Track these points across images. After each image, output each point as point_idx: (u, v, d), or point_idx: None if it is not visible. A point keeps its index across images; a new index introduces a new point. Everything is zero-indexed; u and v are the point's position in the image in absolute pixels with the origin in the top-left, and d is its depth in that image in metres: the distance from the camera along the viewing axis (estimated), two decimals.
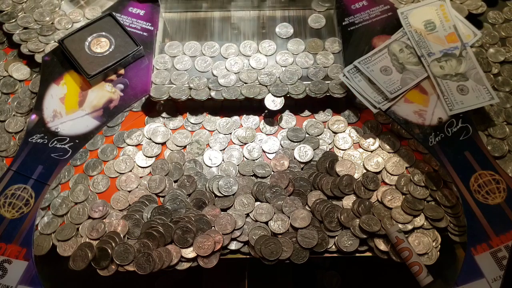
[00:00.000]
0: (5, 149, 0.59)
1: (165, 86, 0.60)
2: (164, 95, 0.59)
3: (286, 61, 0.63)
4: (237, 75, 0.61)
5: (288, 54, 0.63)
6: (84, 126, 0.56)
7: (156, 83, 0.60)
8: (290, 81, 0.60)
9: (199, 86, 0.59)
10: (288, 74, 0.61)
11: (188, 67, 0.62)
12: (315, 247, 0.52)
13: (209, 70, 0.62)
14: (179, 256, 0.52)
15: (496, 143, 0.57)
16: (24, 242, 0.50)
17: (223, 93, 0.59)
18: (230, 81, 0.60)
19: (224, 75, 0.61)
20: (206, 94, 0.59)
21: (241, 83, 0.60)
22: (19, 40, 0.64)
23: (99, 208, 0.55)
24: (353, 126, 0.61)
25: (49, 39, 0.64)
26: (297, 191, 0.56)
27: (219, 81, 0.60)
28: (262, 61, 0.62)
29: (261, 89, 0.60)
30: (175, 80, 0.61)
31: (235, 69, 0.61)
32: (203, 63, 0.62)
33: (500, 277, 0.47)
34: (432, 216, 0.53)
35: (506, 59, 0.63)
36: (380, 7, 0.63)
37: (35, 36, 0.64)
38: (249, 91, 0.59)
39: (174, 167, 0.58)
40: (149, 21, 0.64)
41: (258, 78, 0.60)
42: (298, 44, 0.64)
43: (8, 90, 0.63)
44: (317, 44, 0.64)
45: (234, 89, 0.60)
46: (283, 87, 0.60)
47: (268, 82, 0.60)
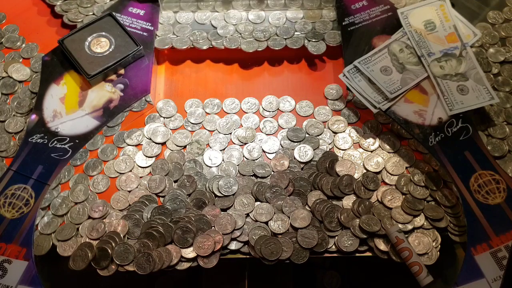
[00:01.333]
0: (5, 149, 0.59)
1: (168, 37, 0.64)
2: (168, 45, 0.63)
3: (280, 21, 0.66)
4: (235, 26, 0.65)
5: (282, 15, 0.67)
6: (84, 126, 0.56)
7: (159, 35, 0.64)
8: (286, 35, 0.64)
9: (199, 39, 0.63)
10: (284, 29, 0.65)
11: (190, 21, 0.66)
12: (315, 247, 0.52)
13: (209, 22, 0.66)
14: (179, 256, 0.52)
15: (496, 143, 0.57)
16: (24, 242, 0.50)
17: (224, 43, 0.63)
18: (229, 32, 0.64)
19: (223, 26, 0.65)
20: (207, 44, 0.63)
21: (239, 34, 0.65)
22: (61, 10, 0.68)
23: (99, 208, 0.55)
24: (353, 126, 0.61)
25: (88, 11, 0.67)
26: (297, 191, 0.56)
27: (218, 31, 0.65)
28: (260, 16, 0.66)
29: (259, 44, 0.63)
30: (178, 32, 0.65)
31: (234, 21, 0.66)
32: (203, 16, 0.67)
33: (500, 277, 0.47)
34: (432, 216, 0.53)
35: (506, 59, 0.63)
36: (380, 7, 0.63)
37: (75, 7, 0.68)
38: (248, 46, 0.63)
39: (174, 167, 0.58)
40: (149, 21, 0.64)
41: (253, 34, 0.64)
42: (296, 13, 0.67)
43: (8, 91, 0.63)
44: (315, 13, 0.67)
45: (234, 39, 0.64)
46: (281, 41, 0.64)
47: (262, 38, 0.64)
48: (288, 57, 0.66)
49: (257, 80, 0.65)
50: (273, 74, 0.65)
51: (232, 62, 0.66)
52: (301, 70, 0.66)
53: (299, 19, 0.66)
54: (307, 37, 0.64)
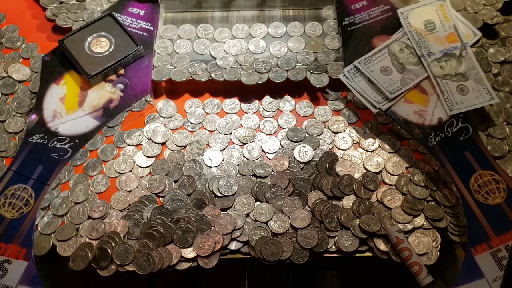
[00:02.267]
0: (5, 149, 0.59)
1: (166, 68, 0.62)
2: (165, 77, 0.61)
3: (281, 51, 0.64)
4: (235, 57, 0.62)
5: (283, 45, 0.64)
6: (84, 126, 0.56)
7: (157, 66, 0.62)
8: (288, 66, 0.61)
9: (198, 71, 0.61)
10: (285, 60, 0.62)
11: (188, 51, 0.64)
12: (315, 247, 0.52)
13: (208, 52, 0.64)
14: (179, 256, 0.52)
15: (496, 143, 0.57)
16: (24, 242, 0.50)
17: (223, 75, 0.61)
18: (229, 63, 0.62)
19: (223, 57, 0.62)
20: (206, 76, 0.61)
21: (239, 65, 0.62)
22: (51, 15, 0.67)
23: (99, 208, 0.55)
24: (353, 126, 0.61)
25: (77, 16, 0.66)
26: (297, 191, 0.56)
27: (217, 63, 0.62)
28: (261, 45, 0.64)
29: (260, 76, 0.61)
30: (176, 63, 0.62)
31: (234, 52, 0.63)
32: (202, 46, 0.64)
33: (500, 277, 0.47)
34: (432, 216, 0.53)
35: (506, 59, 0.63)
36: (380, 7, 0.63)
37: (65, 12, 0.67)
38: (248, 79, 0.61)
39: (174, 167, 0.58)
40: (149, 21, 0.64)
41: (254, 65, 0.62)
42: (298, 42, 0.64)
43: (8, 91, 0.63)
44: (317, 43, 0.64)
45: (234, 71, 0.61)
46: (282, 73, 0.61)
47: (263, 69, 0.61)
48: (290, 89, 0.63)
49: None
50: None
51: (232, 95, 0.63)
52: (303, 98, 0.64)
53: (301, 49, 0.63)
54: (309, 69, 0.61)
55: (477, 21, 0.63)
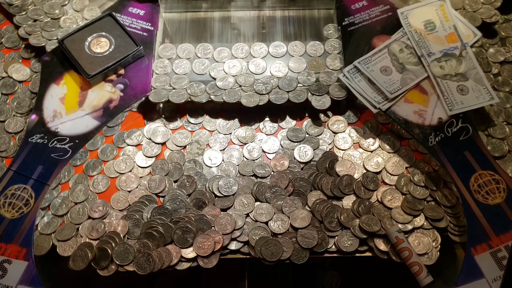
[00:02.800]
0: (5, 149, 0.59)
1: (164, 89, 0.60)
2: (164, 99, 0.59)
3: (282, 71, 0.62)
4: (235, 78, 0.60)
5: (283, 65, 0.62)
6: (84, 126, 0.56)
7: (155, 87, 0.60)
8: (289, 87, 0.60)
9: (197, 92, 0.59)
10: (286, 81, 0.60)
11: (187, 71, 0.62)
12: (315, 247, 0.52)
13: (207, 72, 0.62)
14: (179, 256, 0.52)
15: (496, 143, 0.57)
16: (24, 242, 0.50)
17: (223, 96, 0.59)
18: (228, 84, 0.60)
19: (222, 78, 0.60)
20: (206, 97, 0.59)
21: (239, 86, 0.60)
22: (25, 33, 0.64)
23: (99, 208, 0.55)
24: (353, 126, 0.61)
25: (51, 35, 0.64)
26: (297, 191, 0.56)
27: (217, 84, 0.60)
28: (261, 66, 0.62)
29: (260, 98, 0.59)
30: (175, 83, 0.60)
31: (234, 72, 0.61)
32: (201, 66, 0.62)
33: (500, 277, 0.47)
34: (432, 216, 0.53)
35: (506, 59, 0.63)
36: (380, 7, 0.63)
37: (39, 31, 0.64)
38: (249, 101, 0.59)
39: (174, 167, 0.58)
40: (149, 21, 0.64)
41: (254, 86, 0.60)
42: (299, 62, 0.62)
43: (8, 91, 0.63)
44: (318, 63, 0.62)
45: (234, 92, 0.59)
46: (283, 94, 0.59)
47: (263, 91, 0.59)
48: (291, 110, 0.62)
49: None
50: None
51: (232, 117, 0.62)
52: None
53: (302, 69, 0.61)
54: (310, 91, 0.59)
55: (476, 20, 0.63)
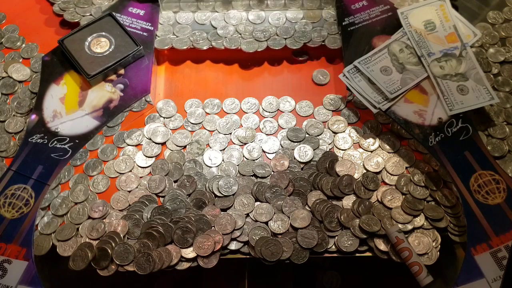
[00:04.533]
0: (5, 149, 0.58)
1: (168, 37, 0.64)
2: (168, 46, 0.63)
3: (280, 21, 0.66)
4: (235, 26, 0.65)
5: (282, 15, 0.66)
6: (84, 126, 0.56)
7: (159, 36, 0.64)
8: (286, 34, 0.64)
9: (199, 40, 0.63)
10: (284, 28, 0.65)
11: (189, 22, 0.66)
12: (315, 247, 0.52)
13: (209, 22, 0.66)
14: (179, 256, 0.52)
15: (496, 143, 0.57)
16: (24, 242, 0.50)
17: (224, 43, 0.63)
18: (229, 32, 0.64)
19: (223, 27, 0.65)
20: (207, 44, 0.63)
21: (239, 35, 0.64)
22: (59, 10, 0.68)
23: (99, 208, 0.55)
24: (353, 126, 0.61)
25: (84, 11, 0.67)
26: (297, 191, 0.56)
27: (218, 32, 0.64)
28: (260, 16, 0.66)
29: (259, 44, 0.63)
30: (178, 32, 0.65)
31: (234, 22, 0.66)
32: (203, 16, 0.67)
33: (500, 277, 0.47)
34: (432, 216, 0.53)
35: (506, 59, 0.63)
36: (380, 7, 0.63)
37: (73, 7, 0.68)
38: (248, 47, 0.63)
39: (174, 167, 0.58)
40: (149, 21, 0.64)
41: (253, 34, 0.63)
42: (296, 13, 0.66)
43: (8, 91, 0.63)
44: (315, 14, 0.66)
45: (234, 39, 0.64)
46: (280, 40, 0.64)
47: (262, 38, 0.63)
48: (288, 57, 0.66)
49: (257, 80, 0.65)
50: (273, 74, 0.65)
51: (232, 63, 0.66)
52: (300, 71, 0.66)
53: (299, 19, 0.66)
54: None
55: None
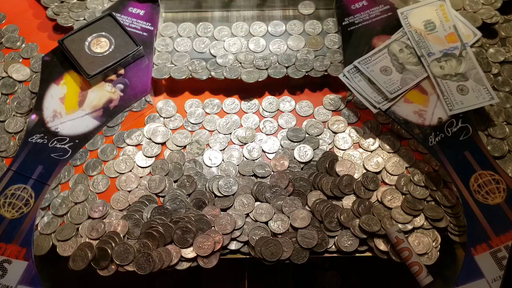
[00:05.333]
0: (5, 149, 0.58)
1: (166, 66, 0.62)
2: (165, 75, 0.61)
3: (281, 49, 0.64)
4: (235, 55, 0.63)
5: (282, 42, 0.64)
6: (84, 126, 0.56)
7: (157, 64, 0.62)
8: (288, 62, 0.62)
9: (198, 69, 0.61)
10: (285, 56, 0.62)
11: (188, 49, 0.64)
12: (315, 247, 0.52)
13: (208, 50, 0.64)
14: (179, 256, 0.52)
15: (496, 143, 0.57)
16: (24, 242, 0.50)
17: (224, 73, 0.61)
18: (228, 61, 0.62)
19: (222, 55, 0.62)
20: (206, 74, 0.61)
21: (239, 63, 0.62)
22: (52, 14, 0.67)
23: (99, 208, 0.55)
24: (353, 126, 0.61)
25: (78, 16, 0.66)
26: (297, 191, 0.56)
27: (217, 61, 0.62)
28: (261, 44, 0.64)
29: (260, 74, 0.61)
30: (176, 61, 0.63)
31: (233, 50, 0.63)
32: (201, 44, 0.64)
33: (500, 277, 0.47)
34: (432, 216, 0.53)
35: (506, 59, 0.63)
36: (380, 7, 0.63)
37: (66, 11, 0.67)
38: (249, 77, 0.61)
39: (174, 167, 0.58)
40: (149, 21, 0.64)
41: (254, 62, 0.62)
42: (298, 40, 0.64)
43: (8, 91, 0.63)
44: (317, 41, 0.64)
45: (234, 69, 0.61)
46: (281, 69, 0.61)
47: (263, 66, 0.61)
48: (290, 86, 0.64)
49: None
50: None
51: (232, 93, 0.64)
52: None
53: (301, 47, 0.64)
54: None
55: (476, 21, 0.63)
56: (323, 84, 0.63)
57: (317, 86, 0.63)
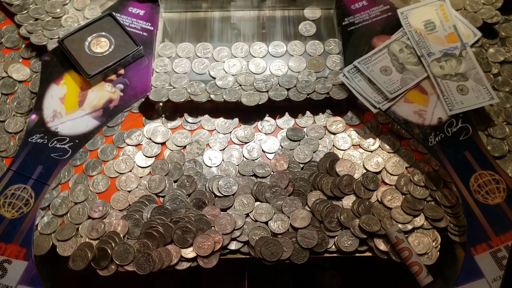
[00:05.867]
0: (5, 149, 0.58)
1: (164, 88, 0.60)
2: (164, 98, 0.59)
3: (281, 70, 0.62)
4: (235, 77, 0.61)
5: (283, 64, 0.62)
6: (84, 126, 0.56)
7: (155, 86, 0.60)
8: (289, 85, 0.60)
9: (197, 91, 0.59)
10: (286, 78, 0.60)
11: (187, 70, 0.62)
12: (315, 247, 0.52)
13: (207, 72, 0.62)
14: (179, 256, 0.52)
15: (496, 143, 0.57)
16: (24, 242, 0.50)
17: (223, 95, 0.59)
18: (228, 83, 0.60)
19: (222, 77, 0.60)
20: (205, 96, 0.59)
21: (239, 85, 0.60)
22: (26, 32, 0.64)
23: (99, 208, 0.55)
24: (353, 128, 0.60)
25: (53, 34, 0.64)
26: (297, 191, 0.56)
27: (217, 83, 0.60)
28: (261, 66, 0.62)
29: (261, 96, 0.59)
30: (175, 83, 0.60)
31: (233, 71, 0.61)
32: (201, 65, 0.62)
33: (500, 277, 0.47)
34: (432, 216, 0.53)
35: (506, 59, 0.63)
36: (380, 7, 0.63)
37: (41, 29, 0.64)
38: (249, 100, 0.59)
39: (174, 167, 0.58)
40: (149, 21, 0.64)
41: (254, 84, 0.60)
42: (299, 61, 0.62)
43: (8, 91, 0.63)
44: (318, 62, 0.62)
45: (234, 91, 0.59)
46: (282, 91, 0.59)
47: (263, 88, 0.59)
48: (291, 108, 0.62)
49: None
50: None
51: (232, 116, 0.62)
52: None
53: (302, 69, 0.61)
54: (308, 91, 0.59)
55: (477, 21, 0.63)
56: (325, 107, 0.62)
57: (319, 109, 0.61)
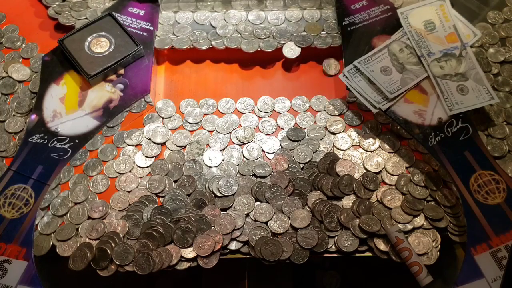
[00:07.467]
0: (5, 149, 0.58)
1: (168, 37, 0.64)
2: (168, 45, 0.63)
3: (279, 20, 0.66)
4: (235, 26, 0.65)
5: (281, 14, 0.67)
6: (84, 126, 0.56)
7: (159, 36, 0.64)
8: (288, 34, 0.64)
9: (199, 39, 0.63)
10: (281, 31, 0.64)
11: (189, 21, 0.66)
12: (315, 247, 0.52)
13: (208, 22, 0.66)
14: (179, 256, 0.52)
15: (496, 143, 0.57)
16: (24, 242, 0.50)
17: (224, 42, 0.63)
18: (229, 31, 0.64)
19: (223, 26, 0.65)
20: (207, 44, 0.63)
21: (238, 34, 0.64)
22: (54, 13, 0.67)
23: (98, 208, 0.55)
24: (353, 128, 0.60)
25: (80, 15, 0.67)
26: (297, 191, 0.56)
27: (218, 31, 0.64)
28: (260, 16, 0.66)
29: (259, 44, 0.63)
30: (178, 32, 0.65)
31: (234, 22, 0.66)
32: (202, 16, 0.67)
33: (500, 277, 0.47)
34: (432, 216, 0.53)
35: (506, 59, 0.63)
36: (380, 7, 0.63)
37: (68, 10, 0.68)
38: (249, 46, 0.63)
39: (174, 167, 0.57)
40: (149, 21, 0.64)
41: (254, 32, 0.64)
42: (297, 26, 0.66)
43: (8, 91, 0.63)
44: (316, 27, 0.65)
45: (234, 38, 0.64)
46: (273, 42, 0.63)
47: (263, 35, 0.64)
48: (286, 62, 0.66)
49: (257, 80, 0.65)
50: (270, 76, 0.65)
51: (232, 62, 0.66)
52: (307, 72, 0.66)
53: (298, 19, 0.66)
54: (295, 41, 0.63)
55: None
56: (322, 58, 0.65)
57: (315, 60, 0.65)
